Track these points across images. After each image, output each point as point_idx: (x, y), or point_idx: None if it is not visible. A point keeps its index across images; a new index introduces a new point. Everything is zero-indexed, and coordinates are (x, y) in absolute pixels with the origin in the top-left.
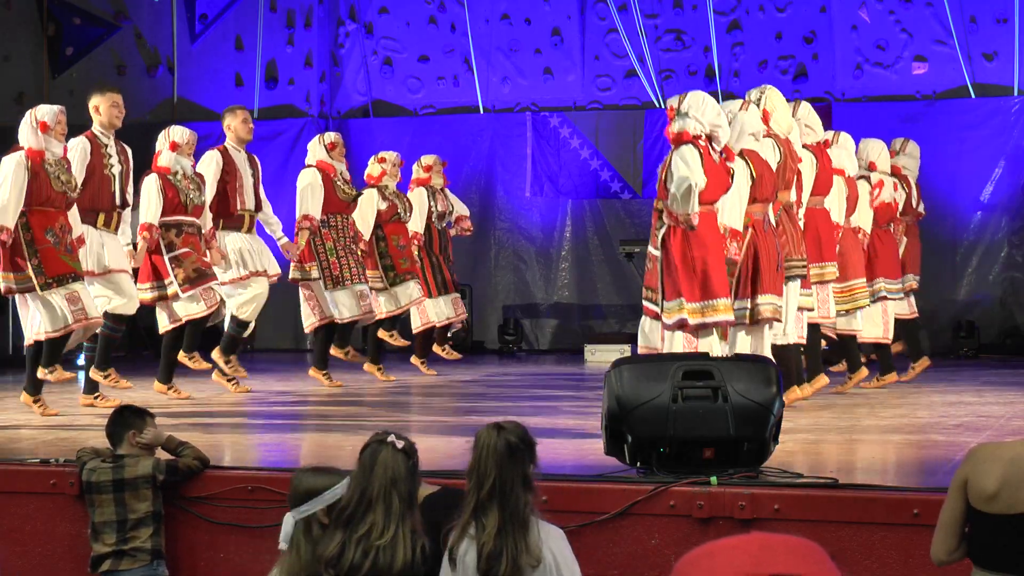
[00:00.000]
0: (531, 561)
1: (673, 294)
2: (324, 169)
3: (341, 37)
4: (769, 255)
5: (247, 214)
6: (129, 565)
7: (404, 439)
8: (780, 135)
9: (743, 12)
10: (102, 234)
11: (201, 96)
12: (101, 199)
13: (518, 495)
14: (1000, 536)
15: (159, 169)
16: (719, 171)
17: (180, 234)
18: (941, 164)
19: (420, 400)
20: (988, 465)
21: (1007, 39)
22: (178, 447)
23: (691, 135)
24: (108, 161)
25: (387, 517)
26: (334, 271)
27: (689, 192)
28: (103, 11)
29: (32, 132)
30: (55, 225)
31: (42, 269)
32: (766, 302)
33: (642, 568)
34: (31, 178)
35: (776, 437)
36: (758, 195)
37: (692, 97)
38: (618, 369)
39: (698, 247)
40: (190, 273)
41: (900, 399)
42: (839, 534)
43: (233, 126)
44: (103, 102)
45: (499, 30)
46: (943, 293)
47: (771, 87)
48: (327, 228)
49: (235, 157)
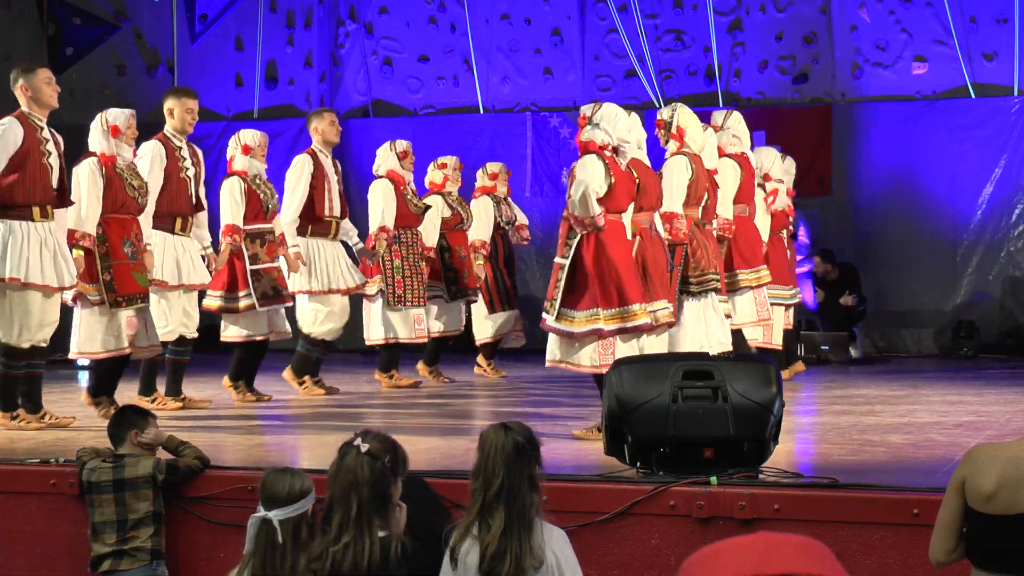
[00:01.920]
0: (534, 562)
1: (589, 303)
2: (396, 180)
3: (341, 37)
4: (656, 262)
5: (334, 220)
6: (129, 565)
7: (375, 440)
8: (693, 152)
9: (743, 12)
10: (180, 241)
11: (201, 96)
12: (178, 203)
13: (525, 495)
14: (998, 536)
15: (236, 173)
16: (626, 181)
17: (264, 244)
18: (941, 164)
19: (420, 400)
20: (986, 466)
21: (1007, 39)
22: (179, 446)
23: (598, 145)
24: (183, 164)
25: (344, 523)
26: (397, 290)
27: (585, 196)
28: (103, 11)
29: (103, 136)
30: (131, 234)
31: (113, 286)
32: (660, 307)
33: (642, 568)
34: (105, 184)
35: (776, 437)
36: (644, 203)
37: (605, 109)
38: (618, 369)
39: (613, 254)
40: (268, 290)
41: (900, 399)
42: (839, 534)
43: (321, 128)
44: (178, 106)
45: (499, 30)
46: (943, 293)
47: (682, 105)
48: (397, 244)
49: (323, 161)
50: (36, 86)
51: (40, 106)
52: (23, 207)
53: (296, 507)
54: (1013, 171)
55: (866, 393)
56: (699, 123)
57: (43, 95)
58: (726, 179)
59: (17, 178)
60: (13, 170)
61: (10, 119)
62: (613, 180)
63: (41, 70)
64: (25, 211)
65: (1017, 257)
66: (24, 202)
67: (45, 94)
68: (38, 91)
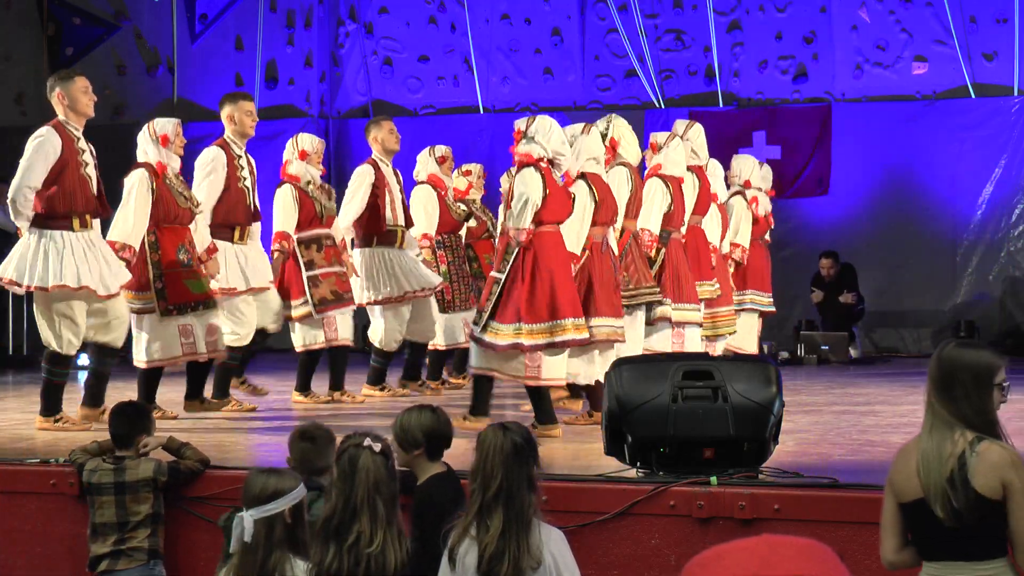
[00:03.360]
0: (532, 563)
1: (512, 317)
2: (437, 185)
3: (341, 37)
4: (603, 278)
5: (399, 229)
6: (126, 565)
7: (380, 440)
8: (630, 163)
9: (743, 12)
10: (241, 249)
11: (201, 96)
12: (237, 212)
13: (523, 496)
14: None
15: (290, 178)
16: (561, 194)
17: (320, 249)
18: (941, 164)
19: (419, 401)
20: (902, 460)
21: (1007, 39)
22: (180, 448)
23: (534, 158)
24: (241, 173)
25: (373, 524)
26: (447, 295)
27: (524, 207)
28: (103, 11)
29: (153, 147)
30: (185, 241)
31: (166, 294)
32: (601, 324)
33: (642, 568)
34: (156, 197)
35: (776, 437)
36: (599, 218)
37: (540, 122)
38: (618, 369)
39: (546, 268)
40: (327, 294)
41: (900, 399)
42: (839, 534)
43: (380, 137)
44: (237, 111)
45: (499, 30)
46: (943, 293)
47: (617, 116)
48: (443, 249)
49: (384, 171)
50: (73, 95)
51: (77, 115)
52: (63, 218)
53: (269, 507)
54: (1013, 171)
55: (866, 393)
56: (634, 135)
57: (80, 104)
58: (654, 196)
59: (56, 189)
60: (52, 181)
61: (48, 129)
62: (548, 192)
63: (79, 78)
64: (65, 222)
65: (1017, 257)
66: (64, 212)
67: (82, 103)
68: (75, 100)
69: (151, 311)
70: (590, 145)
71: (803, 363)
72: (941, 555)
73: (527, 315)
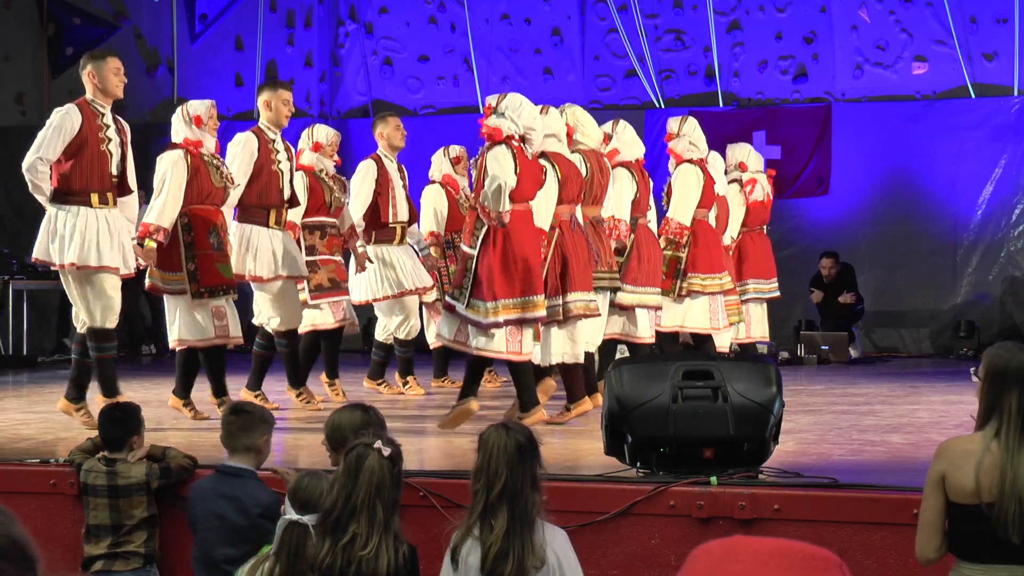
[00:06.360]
0: (536, 562)
1: (491, 295)
2: (450, 186)
3: (341, 37)
4: (577, 253)
5: (399, 226)
6: (122, 567)
7: (391, 444)
8: (587, 148)
9: (743, 12)
10: (275, 235)
11: (201, 96)
12: (270, 195)
13: (527, 496)
14: (982, 526)
15: (303, 167)
16: (533, 170)
17: (324, 236)
18: (941, 164)
19: (420, 401)
20: (961, 459)
21: (1007, 39)
22: (163, 452)
23: (504, 135)
24: (276, 157)
25: (370, 527)
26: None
27: (499, 191)
28: (103, 11)
29: (187, 127)
30: (217, 223)
31: (197, 276)
32: (576, 299)
33: (642, 568)
34: (191, 174)
35: (776, 437)
36: (564, 196)
37: (511, 98)
38: (618, 369)
39: (518, 245)
40: (324, 281)
41: (900, 399)
42: (839, 534)
43: (386, 134)
44: (274, 98)
45: (499, 30)
46: (942, 293)
47: (572, 104)
48: (452, 249)
49: (388, 166)
50: (104, 75)
51: (105, 95)
52: (80, 193)
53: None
54: (1013, 171)
55: (866, 393)
56: (593, 121)
57: (110, 84)
58: (622, 187)
59: (73, 164)
60: (70, 157)
61: (70, 106)
62: (519, 169)
63: (111, 59)
64: (84, 197)
65: (1017, 257)
66: (80, 189)
67: (112, 83)
68: (105, 80)
69: (182, 292)
70: (549, 123)
71: (803, 363)
72: (989, 558)
73: (505, 290)
